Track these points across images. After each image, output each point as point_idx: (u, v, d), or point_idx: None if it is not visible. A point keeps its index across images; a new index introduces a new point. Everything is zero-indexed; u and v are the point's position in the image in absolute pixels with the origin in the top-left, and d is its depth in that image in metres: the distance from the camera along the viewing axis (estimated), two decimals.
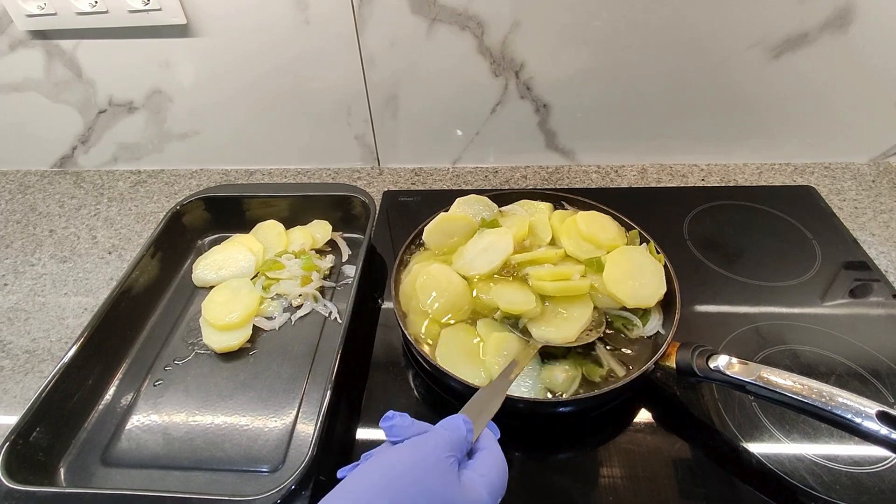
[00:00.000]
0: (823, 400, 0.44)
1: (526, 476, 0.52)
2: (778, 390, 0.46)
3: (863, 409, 0.43)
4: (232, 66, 0.84)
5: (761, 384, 0.47)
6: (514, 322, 0.58)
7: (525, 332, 0.58)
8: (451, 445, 0.38)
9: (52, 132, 0.95)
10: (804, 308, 0.67)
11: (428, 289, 0.61)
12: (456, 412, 0.56)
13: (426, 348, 0.58)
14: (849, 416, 0.43)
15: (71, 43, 0.82)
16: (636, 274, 0.61)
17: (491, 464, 0.39)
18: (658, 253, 0.65)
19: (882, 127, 0.88)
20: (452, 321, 0.60)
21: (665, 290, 0.60)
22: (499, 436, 0.44)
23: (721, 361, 0.50)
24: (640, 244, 0.67)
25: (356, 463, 0.38)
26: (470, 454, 0.41)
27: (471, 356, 0.57)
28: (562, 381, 0.55)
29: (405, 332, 0.58)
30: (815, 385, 0.45)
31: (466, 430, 0.40)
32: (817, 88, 0.82)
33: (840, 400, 0.44)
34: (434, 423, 0.41)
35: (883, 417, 0.42)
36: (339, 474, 0.38)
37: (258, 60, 0.83)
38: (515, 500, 0.50)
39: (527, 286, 0.59)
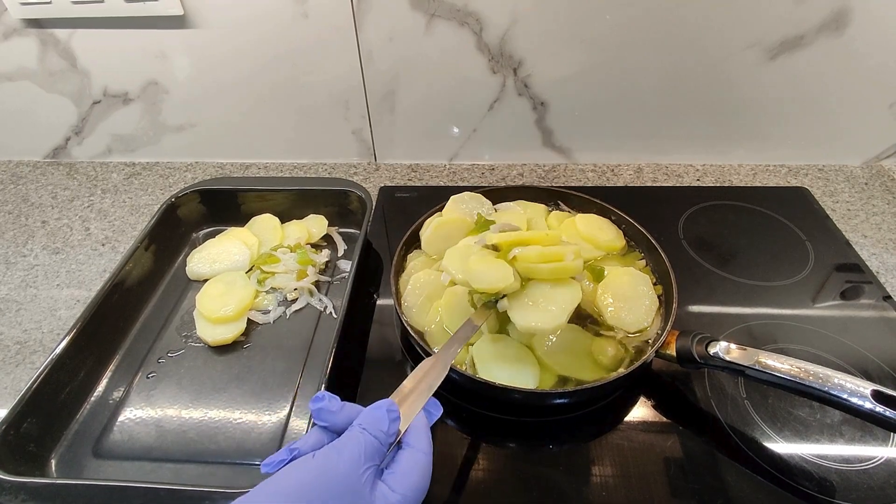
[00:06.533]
0: (820, 381, 0.45)
1: (519, 470, 0.53)
2: (776, 374, 0.47)
3: (858, 388, 0.44)
4: (229, 59, 0.84)
5: (759, 368, 0.48)
6: (491, 304, 0.53)
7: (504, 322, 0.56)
8: (368, 455, 0.36)
9: (45, 122, 0.94)
10: (796, 308, 0.68)
11: (455, 314, 0.60)
12: (455, 410, 0.58)
13: (436, 348, 0.58)
14: (844, 396, 0.44)
15: (66, 32, 0.82)
16: (629, 298, 0.61)
17: (409, 473, 0.37)
18: (646, 265, 0.67)
19: (876, 130, 0.89)
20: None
21: (649, 324, 0.60)
22: (440, 413, 0.43)
23: (720, 347, 0.51)
24: (640, 258, 0.68)
25: (281, 458, 0.36)
26: (399, 444, 0.39)
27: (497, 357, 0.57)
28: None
29: (410, 328, 0.58)
30: (812, 367, 0.46)
31: (389, 423, 0.38)
32: (812, 90, 0.83)
33: (836, 381, 0.45)
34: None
35: (878, 396, 0.43)
36: (262, 469, 0.36)
37: (255, 53, 0.83)
38: (511, 494, 0.51)
39: (502, 262, 0.53)
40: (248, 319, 0.67)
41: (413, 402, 0.41)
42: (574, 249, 0.53)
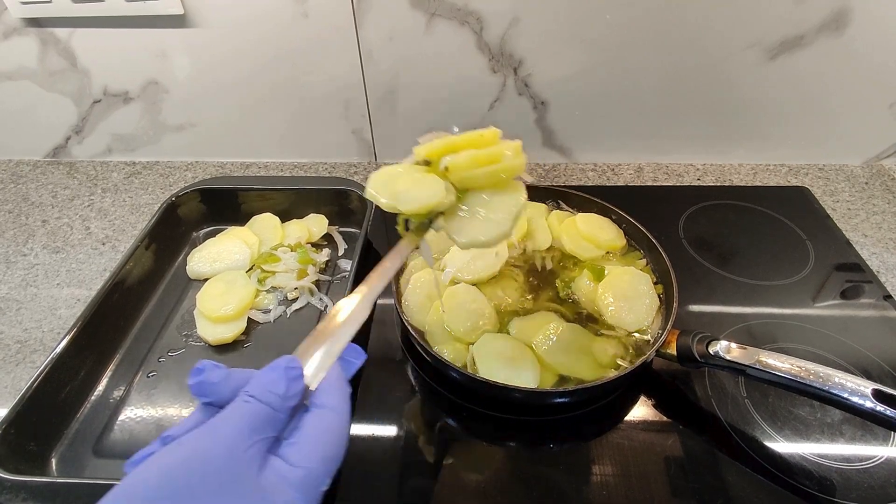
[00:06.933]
0: (821, 380, 0.45)
1: (519, 469, 0.53)
2: (776, 373, 0.47)
3: (858, 387, 0.44)
4: (229, 58, 0.84)
5: (760, 367, 0.48)
6: (425, 226, 0.45)
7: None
8: (256, 427, 0.29)
9: (45, 121, 0.94)
10: (797, 307, 0.68)
11: (456, 313, 0.60)
12: (455, 409, 0.58)
13: (436, 347, 0.58)
14: (845, 395, 0.44)
15: (66, 31, 0.82)
16: (630, 297, 0.61)
17: (316, 441, 0.31)
18: (647, 265, 0.67)
19: (876, 129, 0.89)
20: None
21: (650, 324, 0.60)
22: (362, 361, 0.37)
23: (721, 346, 0.51)
24: (641, 258, 0.68)
25: (150, 450, 0.29)
26: (307, 406, 0.32)
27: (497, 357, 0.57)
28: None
29: (410, 328, 0.58)
30: (812, 367, 0.46)
31: (287, 384, 0.31)
32: (812, 90, 0.83)
33: (836, 380, 0.45)
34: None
35: (878, 395, 0.43)
36: (125, 468, 0.29)
37: (256, 53, 0.83)
38: (511, 493, 0.51)
39: (433, 176, 0.45)
40: (249, 318, 0.67)
41: (326, 352, 0.34)
42: (514, 146, 0.46)
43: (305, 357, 0.34)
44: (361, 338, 0.65)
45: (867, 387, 0.44)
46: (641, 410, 0.57)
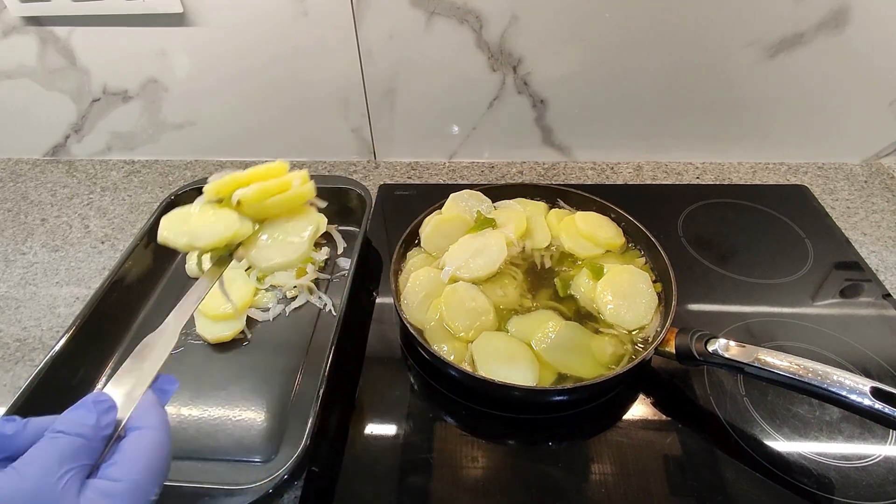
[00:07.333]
0: (819, 378, 0.45)
1: (518, 467, 0.53)
2: (775, 371, 0.47)
3: (857, 385, 0.44)
4: (228, 57, 0.84)
5: (758, 365, 0.48)
6: (225, 259, 0.47)
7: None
8: (68, 457, 0.29)
9: (44, 120, 0.94)
10: (796, 306, 0.68)
11: (455, 311, 0.60)
12: (454, 408, 0.58)
13: (435, 345, 0.58)
14: (843, 393, 0.44)
15: (65, 30, 0.81)
16: (629, 295, 0.61)
17: (138, 457, 0.31)
18: (646, 263, 0.67)
19: (875, 128, 0.88)
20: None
21: (648, 322, 0.60)
22: (175, 387, 0.38)
23: (719, 345, 0.51)
24: (640, 256, 0.68)
25: None
26: (124, 433, 0.33)
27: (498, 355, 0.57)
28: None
29: (409, 326, 0.58)
30: (811, 365, 0.46)
31: (98, 416, 0.31)
32: (812, 89, 0.83)
33: (835, 378, 0.45)
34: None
35: (877, 393, 0.43)
36: None
37: (255, 51, 0.83)
38: (510, 491, 0.51)
39: (226, 210, 0.47)
40: (248, 317, 0.67)
41: (136, 385, 0.35)
42: (301, 174, 0.49)
43: (115, 391, 0.34)
44: (361, 336, 0.66)
45: (866, 385, 0.44)
46: (640, 409, 0.58)
